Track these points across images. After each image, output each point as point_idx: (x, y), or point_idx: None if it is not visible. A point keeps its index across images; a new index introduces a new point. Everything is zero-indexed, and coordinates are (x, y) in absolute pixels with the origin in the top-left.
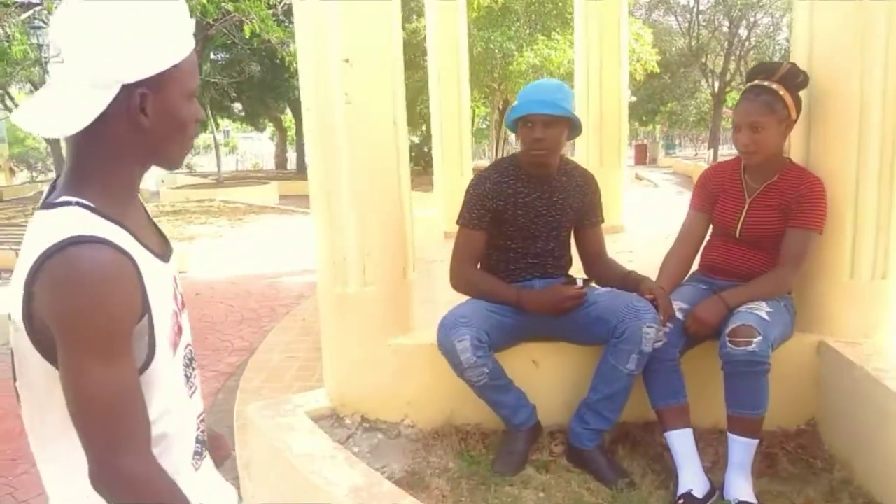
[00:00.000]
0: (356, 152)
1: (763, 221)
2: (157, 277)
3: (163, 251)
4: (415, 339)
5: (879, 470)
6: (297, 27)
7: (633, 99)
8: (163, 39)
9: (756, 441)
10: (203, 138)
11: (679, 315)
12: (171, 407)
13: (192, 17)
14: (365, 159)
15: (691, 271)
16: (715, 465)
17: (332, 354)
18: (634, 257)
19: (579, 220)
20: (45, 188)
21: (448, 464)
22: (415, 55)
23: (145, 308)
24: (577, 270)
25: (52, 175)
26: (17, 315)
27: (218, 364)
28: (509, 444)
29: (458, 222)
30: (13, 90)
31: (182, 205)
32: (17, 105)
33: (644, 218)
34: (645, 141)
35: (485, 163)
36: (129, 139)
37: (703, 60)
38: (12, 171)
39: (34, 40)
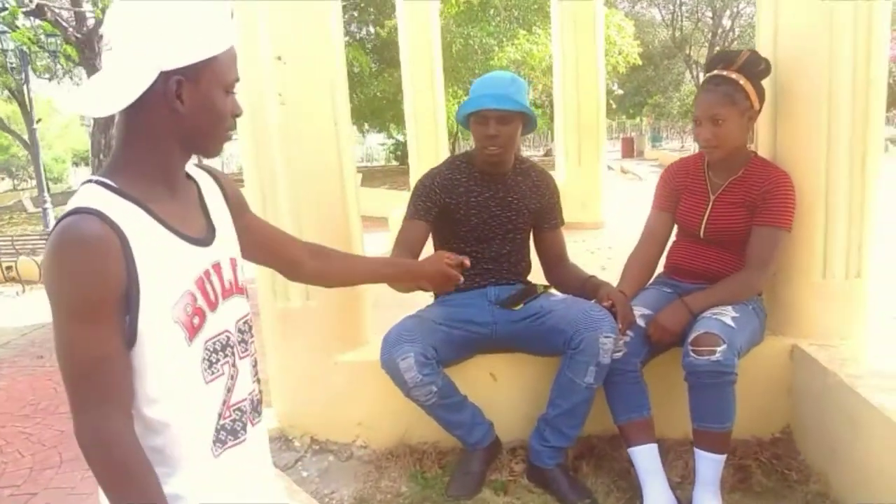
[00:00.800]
0: (292, 155)
1: (728, 220)
2: (168, 257)
3: (201, 236)
4: (364, 354)
5: (856, 482)
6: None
7: (621, 92)
8: (200, 32)
9: (723, 456)
10: None
11: (641, 322)
12: (175, 390)
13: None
14: (302, 162)
15: (656, 274)
16: (685, 479)
17: (278, 373)
18: (614, 254)
19: (537, 222)
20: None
21: (401, 488)
22: (395, 52)
23: (133, 282)
24: (536, 275)
25: (34, 183)
26: None
27: None
28: (465, 465)
29: (403, 219)
30: None
31: None
32: None
33: (626, 213)
34: (632, 134)
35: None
36: (166, 124)
37: (688, 52)
38: None
39: None
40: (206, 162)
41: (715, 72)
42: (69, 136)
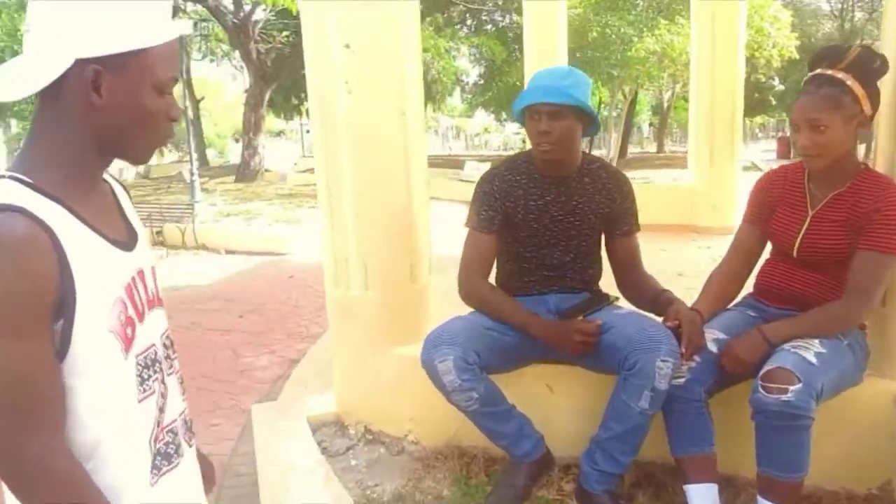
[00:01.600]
0: (357, 145)
1: (826, 239)
2: (99, 260)
3: (124, 239)
4: (419, 349)
5: None
6: (301, 11)
7: (781, 87)
8: (127, 21)
9: None
10: None
11: (713, 347)
12: (109, 410)
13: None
14: (367, 153)
15: (744, 294)
16: None
17: (338, 359)
18: None
19: (608, 227)
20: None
21: (443, 491)
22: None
23: (67, 286)
24: (607, 284)
25: (196, 155)
26: None
27: (288, 350)
28: (510, 477)
29: (465, 224)
30: None
31: (300, 188)
32: None
33: None
34: (790, 133)
35: (602, 153)
36: (81, 118)
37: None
38: (161, 152)
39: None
40: None
41: (818, 71)
42: (232, 113)
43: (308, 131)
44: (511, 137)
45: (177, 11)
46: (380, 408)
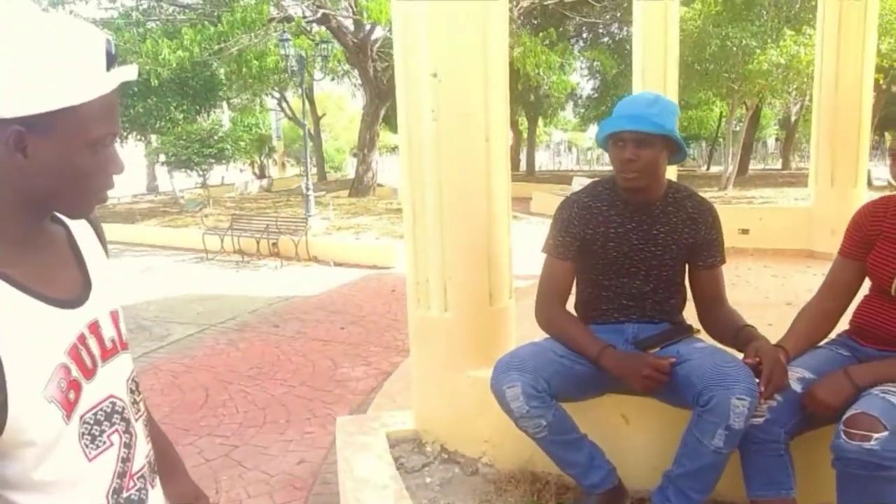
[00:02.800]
0: (442, 170)
1: None
2: (34, 327)
3: (73, 296)
4: None
5: None
6: (394, 39)
7: None
8: (51, 78)
9: None
10: None
11: (797, 387)
12: (55, 477)
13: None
14: (451, 178)
15: (838, 332)
16: None
17: (417, 379)
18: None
19: (691, 258)
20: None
21: None
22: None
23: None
24: (690, 315)
25: (314, 170)
26: None
27: (383, 363)
28: None
29: (543, 250)
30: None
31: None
32: (290, 107)
33: None
34: None
35: (720, 170)
36: (8, 179)
37: None
38: (283, 166)
39: (282, 51)
40: None
41: None
42: (351, 129)
43: None
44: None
45: (113, 61)
46: (456, 428)
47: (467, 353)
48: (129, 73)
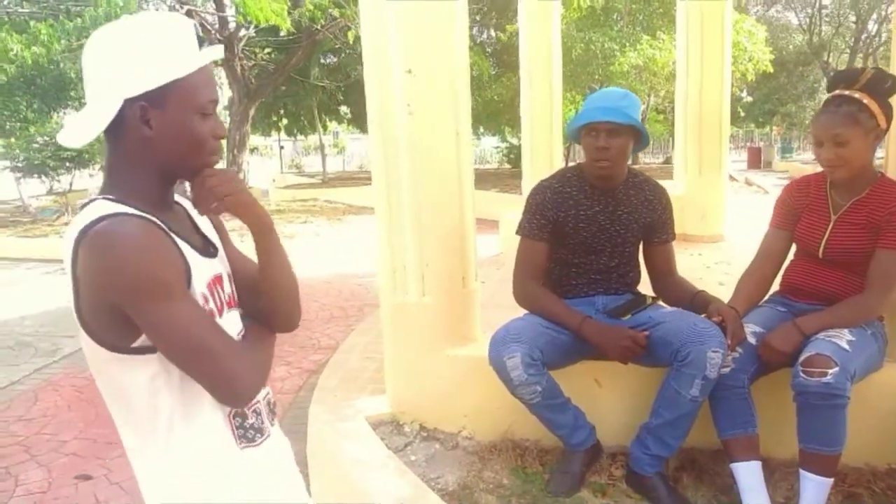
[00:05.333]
0: (417, 163)
1: (849, 241)
2: (192, 260)
3: (204, 248)
4: (473, 350)
5: None
6: (363, 37)
7: (750, 99)
8: (160, 57)
9: (830, 480)
10: (312, 139)
11: (751, 339)
12: (189, 381)
13: (301, 23)
14: (426, 170)
15: (771, 292)
16: (789, 501)
17: (393, 362)
18: (732, 269)
19: (647, 236)
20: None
21: (502, 480)
22: (516, 57)
23: (187, 264)
24: (645, 287)
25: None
26: (73, 308)
27: (303, 361)
28: (565, 465)
29: (517, 232)
30: None
31: (287, 204)
32: None
33: (748, 227)
34: (760, 144)
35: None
36: (138, 149)
37: (825, 58)
38: None
39: None
40: None
41: (837, 91)
42: None
43: (282, 147)
44: (489, 151)
45: (203, 42)
46: (435, 406)
47: (445, 334)
48: (216, 52)
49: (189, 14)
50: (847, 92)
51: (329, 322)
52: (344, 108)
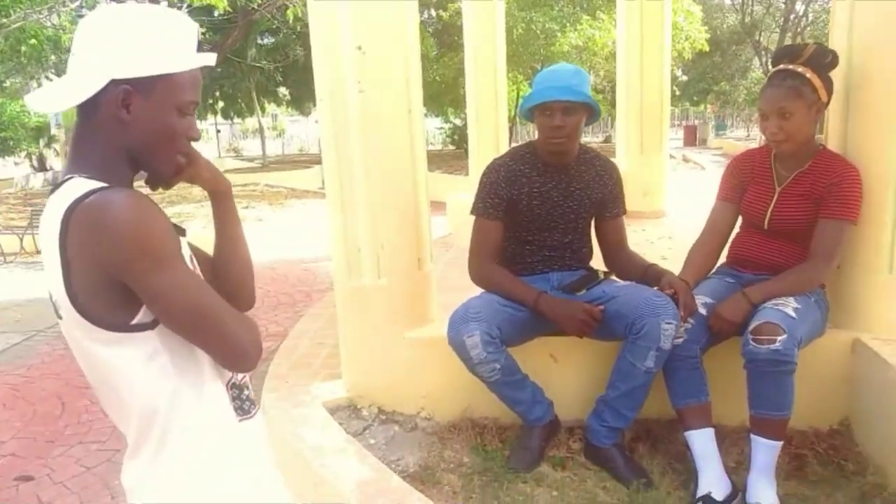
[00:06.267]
0: (370, 142)
1: (793, 211)
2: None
3: (178, 227)
4: (430, 331)
5: None
6: (310, 14)
7: (685, 78)
8: (157, 48)
9: (780, 443)
10: (250, 122)
11: (702, 310)
12: (192, 355)
13: (237, 2)
14: (378, 149)
15: (718, 264)
16: (739, 465)
17: (349, 346)
18: (674, 244)
19: (599, 211)
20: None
21: (463, 458)
22: (458, 37)
23: (177, 236)
24: (597, 262)
25: None
26: (61, 294)
27: None
28: (525, 440)
29: (472, 212)
30: None
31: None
32: None
33: (688, 203)
34: (695, 122)
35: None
36: (112, 132)
37: (757, 38)
38: (66, 157)
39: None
40: None
41: (781, 66)
42: None
43: (219, 131)
44: (433, 132)
45: (200, 46)
46: (392, 389)
47: (402, 316)
48: (209, 58)
49: None
50: (791, 66)
51: (276, 308)
52: (283, 90)
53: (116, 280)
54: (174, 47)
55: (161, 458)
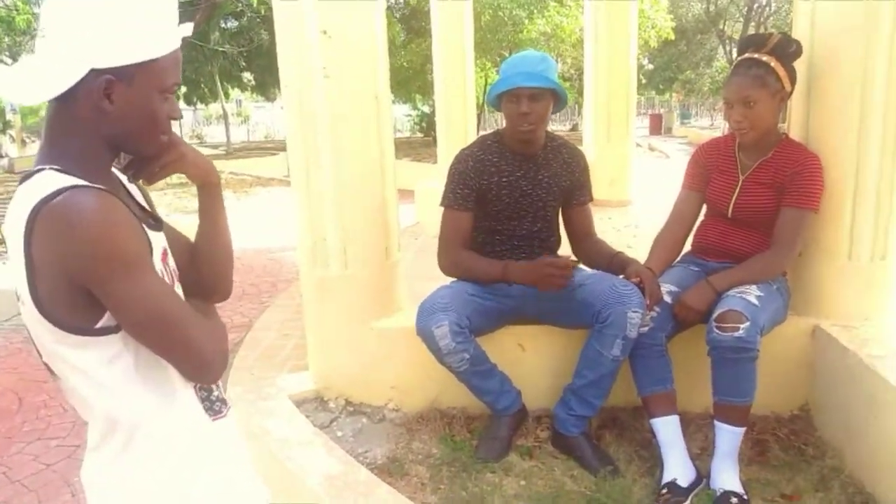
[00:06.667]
0: (336, 129)
1: (756, 200)
2: (148, 233)
3: (147, 221)
4: (398, 322)
5: (870, 459)
6: None
7: (651, 67)
8: (138, 34)
9: (742, 429)
10: (213, 108)
11: (667, 298)
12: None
13: None
14: (345, 137)
15: (683, 252)
16: (704, 451)
17: (315, 337)
18: (640, 232)
19: (567, 198)
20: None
21: (431, 449)
22: (425, 22)
23: (147, 237)
24: (565, 250)
25: None
26: (23, 287)
27: None
28: (493, 430)
29: (442, 203)
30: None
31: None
32: None
33: (653, 191)
34: (661, 110)
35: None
36: (93, 121)
37: (721, 27)
38: (24, 143)
39: (37, 10)
40: None
41: (746, 55)
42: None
43: (182, 117)
44: (400, 119)
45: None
46: (360, 380)
47: (369, 307)
48: (186, 29)
49: None
50: (756, 55)
51: (241, 299)
52: (247, 75)
53: (81, 285)
54: (156, 29)
55: (125, 459)
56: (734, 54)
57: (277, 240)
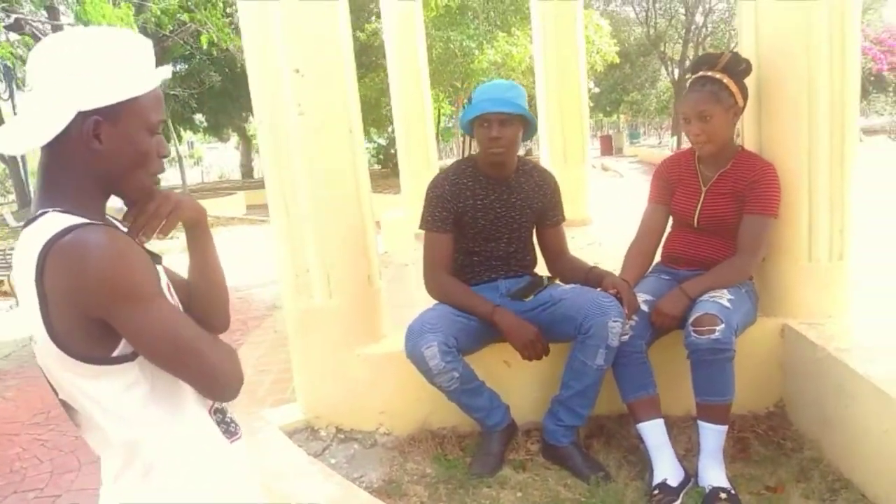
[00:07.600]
0: (312, 163)
1: (719, 209)
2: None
3: (152, 256)
4: (384, 347)
5: (846, 447)
6: (244, 37)
7: (597, 90)
8: (119, 74)
9: (725, 427)
10: None
11: (644, 307)
12: (177, 385)
13: (147, 29)
14: (321, 170)
15: (654, 262)
16: (689, 452)
17: (302, 367)
18: (603, 249)
19: (540, 219)
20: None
21: (425, 469)
22: (376, 57)
23: (156, 269)
24: (541, 269)
25: (11, 197)
26: (38, 327)
27: None
28: (485, 446)
29: (421, 227)
30: None
31: None
32: None
33: (610, 209)
34: (610, 132)
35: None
36: (85, 162)
37: (662, 49)
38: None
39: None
40: None
41: (700, 73)
42: None
43: None
44: None
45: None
46: (349, 407)
47: (355, 334)
48: (165, 72)
49: (18, 24)
50: (709, 73)
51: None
52: (199, 117)
53: (96, 317)
54: (136, 69)
55: (147, 486)
56: (676, 74)
57: (244, 278)
